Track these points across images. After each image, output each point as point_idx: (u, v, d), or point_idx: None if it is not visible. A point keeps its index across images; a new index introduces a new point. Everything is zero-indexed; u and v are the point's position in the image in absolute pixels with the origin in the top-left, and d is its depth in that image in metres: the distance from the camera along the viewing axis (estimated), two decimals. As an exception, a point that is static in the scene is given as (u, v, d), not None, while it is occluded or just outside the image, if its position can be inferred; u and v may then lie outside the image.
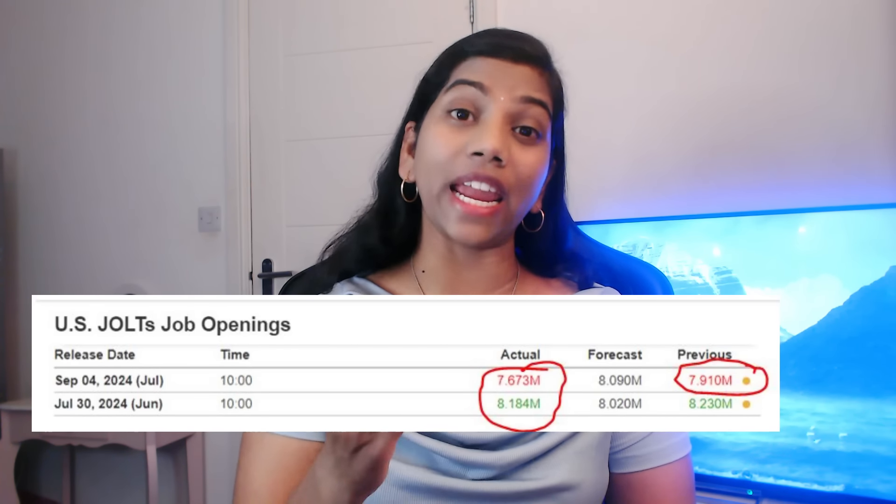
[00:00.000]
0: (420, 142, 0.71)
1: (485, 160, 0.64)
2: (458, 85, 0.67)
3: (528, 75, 0.68)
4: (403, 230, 0.75)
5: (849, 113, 1.74)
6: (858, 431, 1.43)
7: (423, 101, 0.72)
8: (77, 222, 2.65)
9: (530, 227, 0.73)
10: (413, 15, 2.21)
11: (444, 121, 0.68)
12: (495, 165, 0.64)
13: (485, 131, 0.65)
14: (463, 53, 0.70)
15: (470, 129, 0.66)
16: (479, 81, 0.66)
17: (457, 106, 0.67)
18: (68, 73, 2.67)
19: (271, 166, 2.41)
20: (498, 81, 0.66)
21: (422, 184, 0.70)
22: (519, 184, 0.66)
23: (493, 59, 0.68)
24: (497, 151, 0.64)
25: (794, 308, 1.50)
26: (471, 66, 0.68)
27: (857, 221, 1.47)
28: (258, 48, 2.43)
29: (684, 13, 1.92)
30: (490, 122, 0.65)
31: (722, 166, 1.85)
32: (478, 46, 0.69)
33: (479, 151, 0.64)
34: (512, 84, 0.67)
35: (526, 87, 0.67)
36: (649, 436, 0.70)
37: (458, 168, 0.65)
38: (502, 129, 0.65)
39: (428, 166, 0.68)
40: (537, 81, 0.68)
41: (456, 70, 0.69)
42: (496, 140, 0.64)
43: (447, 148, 0.66)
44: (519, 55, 0.68)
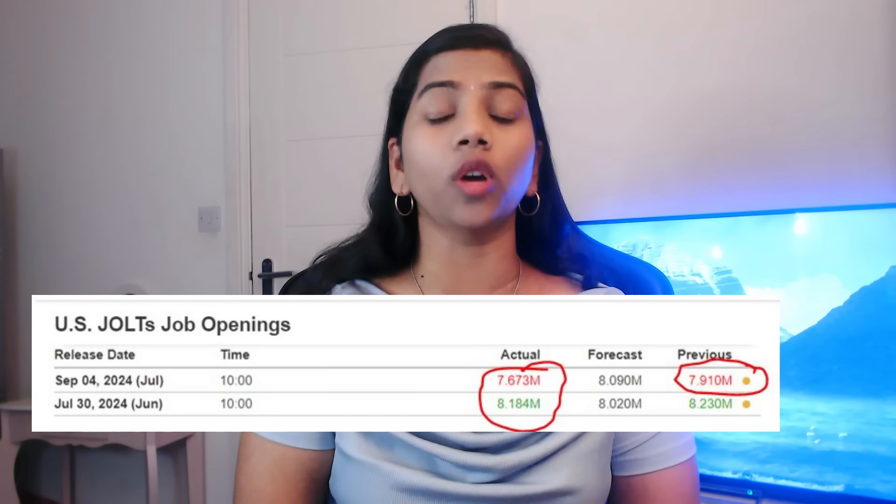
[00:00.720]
0: (406, 152, 0.72)
1: (471, 146, 0.66)
2: (429, 89, 0.69)
3: (491, 59, 0.70)
4: (404, 243, 0.76)
5: (848, 113, 1.74)
6: (858, 431, 1.43)
7: (398, 113, 0.74)
8: (77, 222, 2.64)
9: (527, 211, 0.74)
10: (413, 15, 2.21)
11: (422, 125, 0.70)
12: (482, 149, 0.66)
13: (464, 120, 0.67)
14: (425, 55, 0.72)
15: (450, 124, 0.68)
16: (448, 80, 0.69)
17: (431, 108, 0.69)
18: (68, 73, 2.67)
19: (271, 166, 2.41)
20: (465, 73, 0.69)
21: (419, 190, 0.71)
22: (507, 163, 0.68)
23: (456, 52, 0.70)
24: (480, 134, 0.66)
25: (794, 308, 1.50)
26: (436, 66, 0.71)
27: (857, 221, 1.47)
28: (258, 48, 2.43)
29: (684, 13, 1.92)
30: (467, 111, 0.67)
31: (722, 166, 1.85)
32: (438, 44, 0.72)
33: (463, 139, 0.66)
34: (478, 72, 0.69)
35: (493, 72, 0.69)
36: (652, 438, 0.70)
37: (452, 162, 0.67)
38: (480, 114, 0.67)
39: (421, 170, 0.69)
40: (502, 64, 0.71)
41: (423, 72, 0.71)
42: (476, 124, 0.66)
43: (434, 147, 0.68)
44: (479, 42, 0.71)
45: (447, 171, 0.67)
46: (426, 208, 0.72)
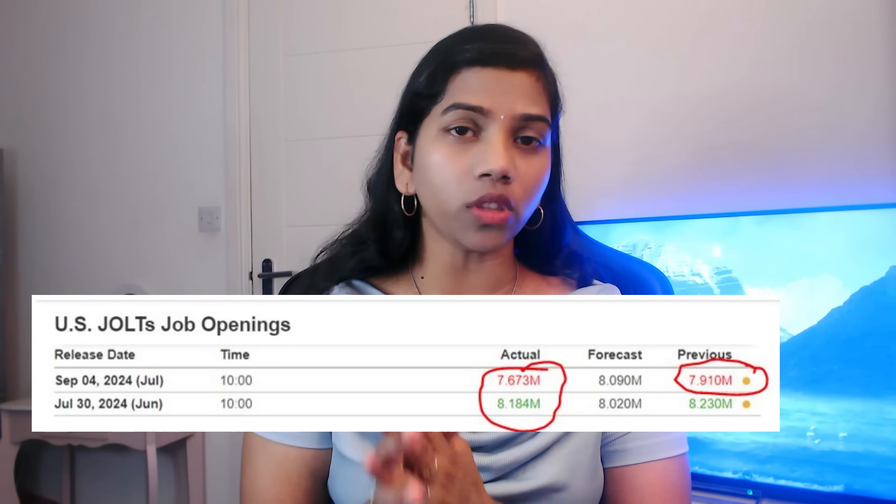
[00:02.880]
0: (419, 157, 0.70)
1: (493, 180, 0.64)
2: (456, 109, 0.66)
3: (525, 85, 0.67)
4: (403, 244, 0.75)
5: (849, 113, 1.74)
6: (858, 431, 1.43)
7: (415, 113, 0.71)
8: (77, 222, 2.64)
9: (530, 225, 0.73)
10: (413, 15, 2.21)
11: (443, 139, 0.67)
12: (503, 183, 0.65)
13: (489, 151, 0.64)
14: (455, 66, 0.68)
15: (472, 147, 0.66)
16: (479, 105, 0.65)
17: (456, 125, 0.67)
18: (68, 73, 2.67)
19: (271, 166, 2.41)
20: (496, 100, 0.65)
21: (429, 202, 0.70)
22: (526, 195, 0.67)
23: (488, 70, 0.66)
24: (505, 171, 0.64)
25: (794, 308, 1.50)
26: (465, 82, 0.67)
27: (857, 221, 1.47)
28: (258, 48, 2.43)
29: (684, 13, 1.92)
30: (493, 141, 0.65)
31: (722, 166, 1.84)
32: (470, 55, 0.67)
33: (487, 173, 0.64)
34: (511, 101, 0.66)
35: (525, 103, 0.66)
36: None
37: (469, 191, 0.65)
38: (506, 145, 0.65)
39: (435, 187, 0.68)
40: (535, 91, 0.68)
41: (450, 85, 0.68)
42: (502, 160, 0.64)
43: (453, 169, 0.66)
44: (514, 62, 0.67)
45: (464, 199, 0.65)
46: (433, 220, 0.71)
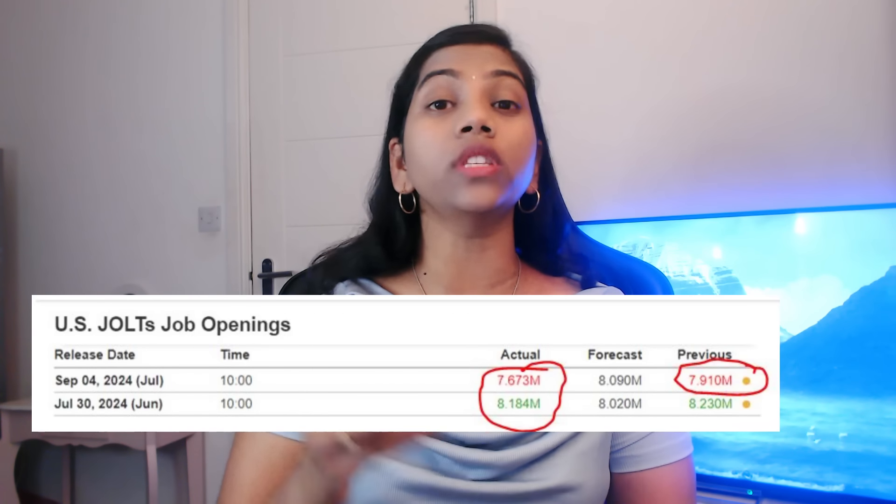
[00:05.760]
0: (408, 146, 0.72)
1: (474, 133, 0.66)
2: (430, 77, 0.70)
3: (492, 53, 0.71)
4: (405, 242, 0.75)
5: (849, 113, 1.74)
6: (858, 431, 1.43)
7: (399, 111, 0.75)
8: (77, 222, 2.64)
9: (527, 208, 0.74)
10: (413, 15, 2.21)
11: (424, 116, 0.70)
12: (486, 136, 0.66)
13: (467, 108, 0.67)
14: (426, 51, 0.73)
15: (452, 114, 0.69)
16: (449, 68, 0.69)
17: (433, 98, 0.69)
18: (68, 73, 2.67)
19: (271, 166, 2.41)
20: (466, 63, 0.69)
21: (420, 182, 0.71)
22: (512, 150, 0.68)
23: (457, 46, 0.72)
24: (483, 121, 0.66)
25: (794, 308, 1.50)
26: (437, 59, 0.72)
27: (857, 221, 1.47)
28: (258, 48, 2.43)
29: (684, 14, 1.92)
30: (469, 99, 0.68)
31: (722, 166, 1.85)
32: (439, 40, 0.73)
33: (466, 126, 0.66)
34: (480, 62, 0.70)
35: (494, 63, 0.70)
36: (648, 435, 0.70)
37: (453, 149, 0.66)
38: (482, 102, 0.68)
39: (423, 160, 0.69)
40: (503, 56, 0.72)
41: (424, 66, 0.72)
42: (479, 111, 0.66)
43: (436, 136, 0.68)
44: (480, 37, 0.72)
45: (448, 159, 0.66)
46: (429, 201, 0.72)
